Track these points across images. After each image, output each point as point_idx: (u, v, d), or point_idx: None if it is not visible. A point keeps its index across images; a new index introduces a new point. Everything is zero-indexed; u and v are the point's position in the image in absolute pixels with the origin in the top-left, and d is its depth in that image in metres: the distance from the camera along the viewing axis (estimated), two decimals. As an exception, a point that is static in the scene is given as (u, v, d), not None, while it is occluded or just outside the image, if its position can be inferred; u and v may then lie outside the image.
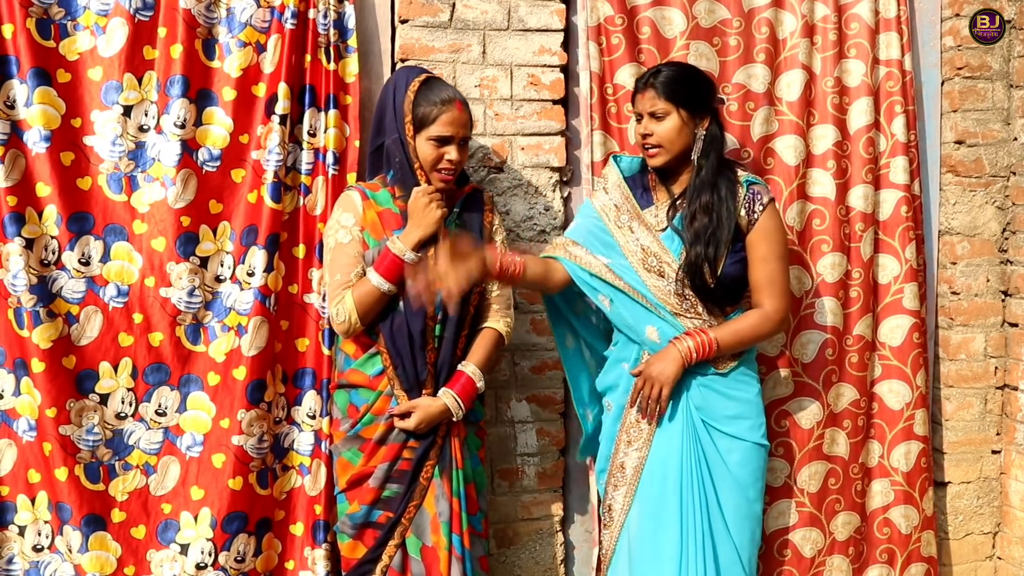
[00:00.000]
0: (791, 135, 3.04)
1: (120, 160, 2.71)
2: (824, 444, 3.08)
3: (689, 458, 2.57)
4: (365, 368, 2.56)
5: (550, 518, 3.05)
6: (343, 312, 2.50)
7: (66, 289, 2.69)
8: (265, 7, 2.75)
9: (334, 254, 2.55)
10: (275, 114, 2.74)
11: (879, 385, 3.16)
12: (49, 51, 2.66)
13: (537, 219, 2.99)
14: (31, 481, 2.67)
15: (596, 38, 2.96)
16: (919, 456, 3.18)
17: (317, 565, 2.82)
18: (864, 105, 3.08)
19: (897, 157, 3.11)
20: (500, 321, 2.65)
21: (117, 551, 2.71)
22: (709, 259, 2.50)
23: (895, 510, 3.18)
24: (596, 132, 2.96)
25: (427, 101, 2.48)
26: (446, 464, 2.54)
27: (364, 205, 2.55)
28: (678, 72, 2.58)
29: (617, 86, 2.98)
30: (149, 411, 2.75)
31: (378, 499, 2.53)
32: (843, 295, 3.08)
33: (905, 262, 3.13)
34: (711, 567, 2.54)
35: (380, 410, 2.53)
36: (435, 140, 2.48)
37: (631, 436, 2.63)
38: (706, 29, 3.03)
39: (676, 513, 2.56)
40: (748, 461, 2.61)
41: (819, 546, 3.10)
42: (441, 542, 2.50)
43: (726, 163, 2.61)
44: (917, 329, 3.15)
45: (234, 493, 2.73)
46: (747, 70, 3.04)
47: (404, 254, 2.46)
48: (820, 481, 3.09)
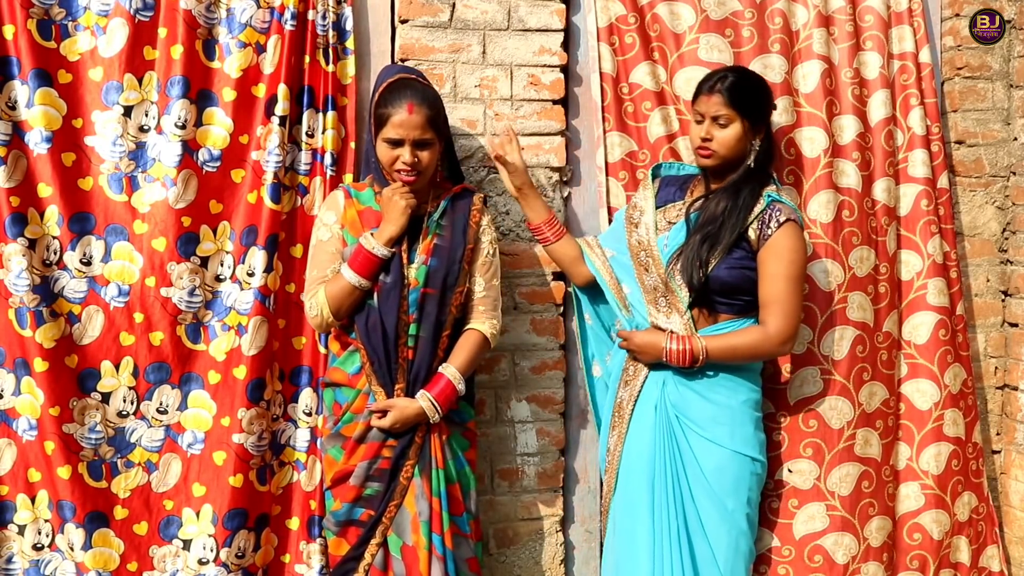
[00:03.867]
0: (810, 126, 3.00)
1: (121, 160, 2.72)
2: (856, 445, 2.96)
3: (662, 453, 2.58)
4: (345, 366, 2.58)
5: (550, 518, 3.05)
6: (316, 306, 2.53)
7: (68, 289, 2.70)
8: (265, 8, 2.76)
9: (314, 251, 2.60)
10: (275, 115, 2.75)
11: (905, 385, 3.08)
12: (50, 52, 2.67)
13: (537, 219, 2.99)
14: (31, 480, 2.69)
15: (608, 38, 2.96)
16: (950, 458, 3.08)
17: (312, 559, 2.84)
18: (882, 97, 3.05)
19: (915, 151, 3.07)
20: (485, 323, 2.63)
21: (120, 547, 2.73)
22: (701, 257, 2.52)
23: (926, 515, 3.07)
24: (612, 133, 2.96)
25: (385, 103, 2.49)
26: (426, 464, 2.54)
27: (346, 203, 2.59)
28: (745, 80, 2.60)
29: (633, 85, 2.97)
30: (150, 409, 2.76)
31: (359, 497, 2.54)
32: (872, 290, 3.01)
33: (928, 257, 3.06)
34: (687, 559, 2.53)
35: (359, 408, 2.54)
36: (388, 142, 2.49)
37: (614, 421, 2.69)
38: (717, 21, 3.01)
39: (648, 507, 2.57)
40: (725, 470, 2.56)
41: (852, 552, 2.95)
42: (421, 541, 2.50)
43: (764, 177, 2.63)
44: (943, 326, 3.07)
45: (235, 490, 2.74)
46: (763, 60, 3.01)
47: (375, 248, 2.48)
48: (853, 484, 2.95)
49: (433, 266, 2.54)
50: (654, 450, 2.58)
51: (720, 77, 2.59)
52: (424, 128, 2.48)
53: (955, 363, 3.11)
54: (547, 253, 2.87)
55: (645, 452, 2.60)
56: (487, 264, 2.64)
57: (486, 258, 2.64)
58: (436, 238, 2.56)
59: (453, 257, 2.56)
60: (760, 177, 2.62)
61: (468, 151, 2.94)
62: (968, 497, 3.15)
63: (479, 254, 2.64)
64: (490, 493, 2.99)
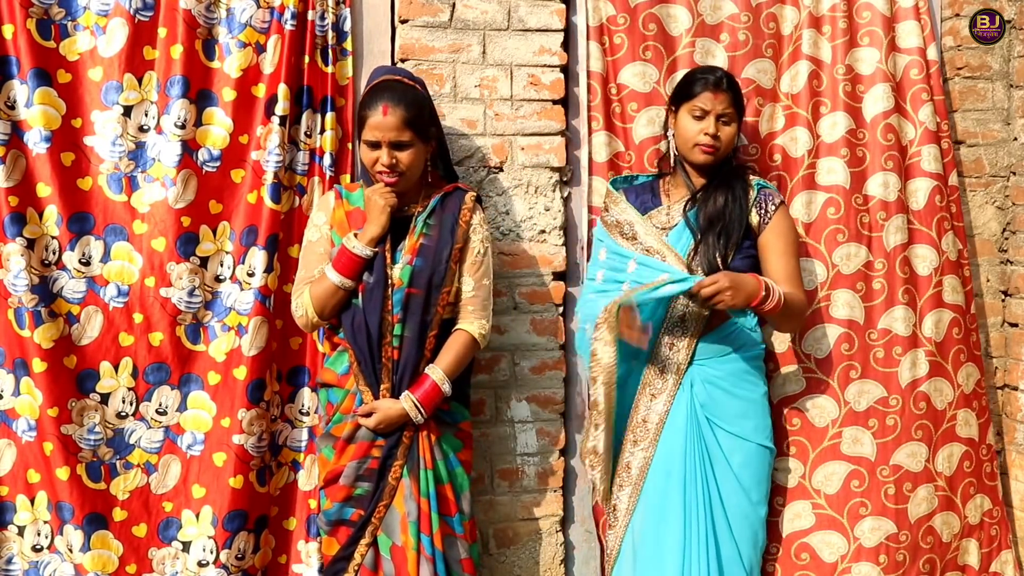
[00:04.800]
0: (797, 127, 3.01)
1: (120, 160, 2.72)
2: (843, 443, 2.96)
3: (693, 454, 2.59)
4: (335, 366, 2.58)
5: (550, 518, 3.05)
6: (301, 306, 2.54)
7: (67, 289, 2.69)
8: (265, 8, 2.76)
9: (303, 251, 2.62)
10: (275, 115, 2.75)
11: (925, 384, 3.02)
12: (49, 51, 2.67)
13: (537, 219, 2.99)
14: (30, 481, 2.68)
15: (598, 38, 2.96)
16: (962, 459, 3.05)
17: (311, 558, 2.83)
18: (881, 91, 3.03)
19: (927, 145, 3.05)
20: (474, 323, 2.59)
21: (119, 549, 2.72)
22: (720, 252, 2.58)
23: (938, 517, 3.02)
24: (599, 133, 2.96)
25: (364, 105, 2.50)
26: (414, 465, 2.53)
27: (336, 204, 2.60)
28: (736, 81, 2.72)
29: (621, 86, 2.98)
30: (150, 410, 2.76)
31: (350, 497, 2.54)
32: (863, 287, 2.99)
33: (942, 253, 3.05)
34: (713, 564, 2.55)
35: (348, 408, 2.54)
36: (367, 144, 2.50)
37: (637, 436, 2.65)
38: (712, 25, 3.02)
39: (680, 508, 2.57)
40: (750, 463, 2.62)
41: (841, 551, 2.93)
42: (409, 542, 2.49)
43: (744, 168, 2.76)
44: (957, 324, 3.05)
45: (235, 491, 2.74)
46: (756, 65, 3.03)
47: (356, 248, 2.49)
48: (840, 482, 2.94)
49: (418, 266, 2.52)
50: (686, 453, 2.59)
51: (722, 75, 2.67)
52: (400, 129, 2.46)
53: (968, 362, 3.09)
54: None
55: (677, 457, 2.59)
56: (477, 263, 2.61)
57: (476, 257, 2.60)
58: (423, 238, 2.55)
59: (440, 257, 2.55)
60: (742, 169, 2.75)
61: (468, 151, 2.93)
62: (981, 500, 3.11)
63: (469, 253, 2.60)
64: (490, 493, 2.99)
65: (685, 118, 2.66)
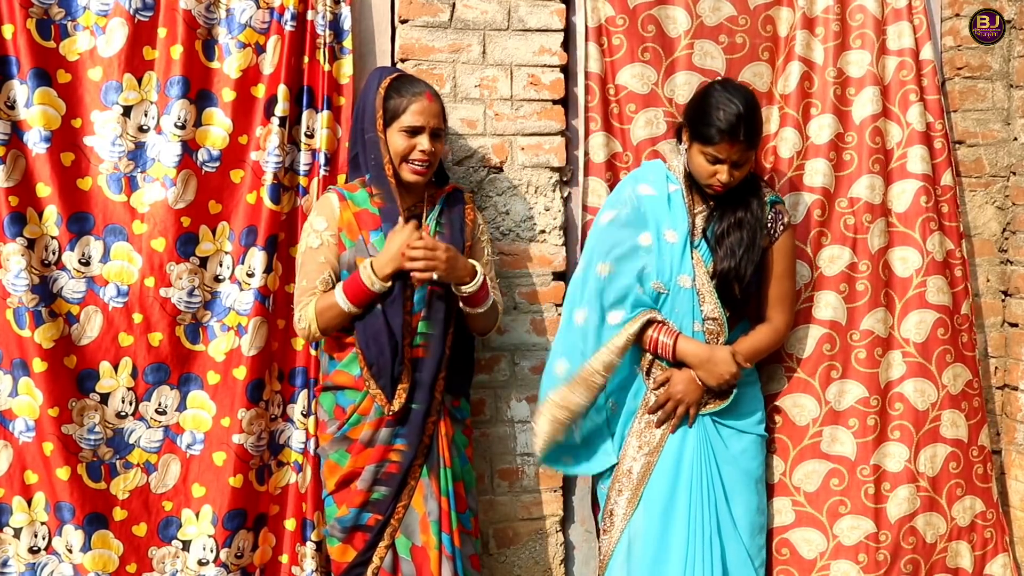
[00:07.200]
0: (787, 128, 3.02)
1: (120, 160, 2.72)
2: (823, 442, 2.99)
3: (699, 456, 2.61)
4: (350, 368, 2.56)
5: (550, 518, 3.05)
6: (305, 319, 2.53)
7: (66, 289, 2.70)
8: (264, 8, 2.76)
9: (303, 258, 2.58)
10: (275, 115, 2.75)
11: (904, 384, 3.04)
12: (49, 51, 2.67)
13: (537, 219, 2.99)
14: (28, 482, 2.68)
15: (597, 39, 2.96)
16: (947, 460, 3.04)
17: (304, 561, 2.82)
18: (870, 95, 3.03)
19: (914, 146, 3.05)
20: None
21: (119, 549, 2.72)
22: (741, 271, 2.61)
23: (920, 518, 3.02)
24: (597, 134, 2.96)
25: (397, 94, 2.51)
26: (434, 463, 2.54)
27: (341, 206, 2.56)
28: (753, 113, 2.56)
29: (619, 87, 2.98)
30: (149, 410, 2.76)
31: (367, 502, 2.52)
32: (846, 289, 3.00)
33: (927, 254, 3.04)
34: (718, 566, 2.56)
35: (366, 410, 2.52)
36: (406, 131, 2.49)
37: (641, 441, 2.66)
38: (711, 27, 3.02)
39: (684, 510, 2.59)
40: (755, 453, 2.71)
41: (820, 549, 2.96)
42: (431, 541, 2.50)
43: (758, 180, 2.74)
44: (943, 325, 3.05)
45: (235, 490, 2.74)
46: (753, 68, 3.04)
47: (374, 284, 2.45)
48: (819, 481, 2.97)
49: None
50: (692, 456, 2.62)
51: (740, 122, 2.50)
52: (440, 116, 2.54)
53: (956, 363, 3.08)
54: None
55: (683, 460, 2.62)
56: (488, 263, 2.66)
57: (486, 256, 2.66)
58: (437, 236, 2.56)
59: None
60: (756, 182, 2.72)
61: (468, 151, 2.94)
62: (970, 501, 3.10)
63: (479, 252, 2.65)
64: (490, 493, 2.99)
65: (699, 155, 2.59)
